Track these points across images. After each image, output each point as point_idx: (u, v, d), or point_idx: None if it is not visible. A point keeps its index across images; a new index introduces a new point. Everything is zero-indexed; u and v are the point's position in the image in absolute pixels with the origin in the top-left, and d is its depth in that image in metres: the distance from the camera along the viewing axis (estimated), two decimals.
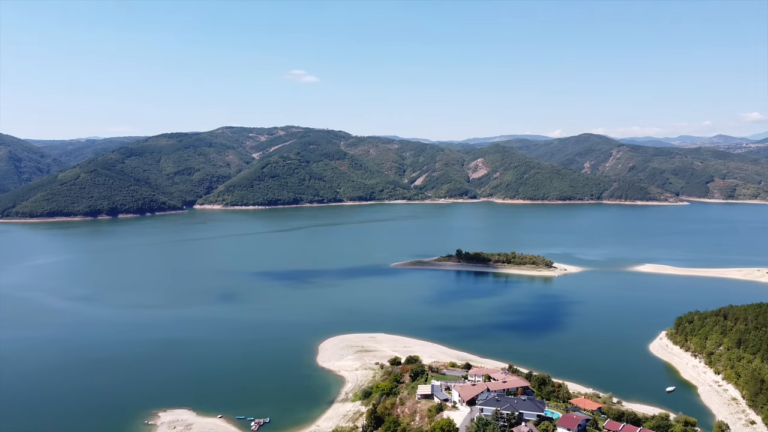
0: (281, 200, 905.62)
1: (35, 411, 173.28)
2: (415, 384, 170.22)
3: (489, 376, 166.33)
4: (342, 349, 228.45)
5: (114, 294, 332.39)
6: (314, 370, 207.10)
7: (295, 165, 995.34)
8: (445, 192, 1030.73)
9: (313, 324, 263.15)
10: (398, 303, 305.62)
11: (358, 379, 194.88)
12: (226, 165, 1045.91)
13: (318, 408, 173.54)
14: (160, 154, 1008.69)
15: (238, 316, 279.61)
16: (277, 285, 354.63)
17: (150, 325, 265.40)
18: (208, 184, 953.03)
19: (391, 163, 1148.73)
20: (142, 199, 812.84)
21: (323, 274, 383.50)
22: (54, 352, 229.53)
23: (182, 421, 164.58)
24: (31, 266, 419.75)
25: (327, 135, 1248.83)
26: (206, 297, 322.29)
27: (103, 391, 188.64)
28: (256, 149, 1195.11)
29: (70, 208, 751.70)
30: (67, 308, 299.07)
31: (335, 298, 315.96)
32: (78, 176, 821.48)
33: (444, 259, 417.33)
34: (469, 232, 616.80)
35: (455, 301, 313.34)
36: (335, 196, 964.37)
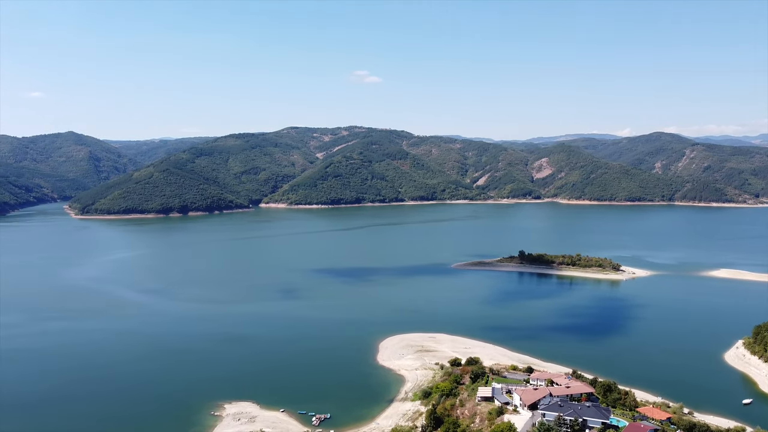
0: (344, 199, 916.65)
1: (110, 397, 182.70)
2: (475, 386, 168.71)
3: (551, 380, 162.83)
4: (402, 348, 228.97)
5: (183, 288, 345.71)
6: (374, 368, 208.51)
7: (357, 165, 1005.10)
8: (507, 192, 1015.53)
9: (374, 322, 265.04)
10: (459, 304, 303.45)
11: (418, 378, 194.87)
12: (290, 165, 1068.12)
13: (378, 406, 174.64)
14: (228, 154, 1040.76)
15: (301, 313, 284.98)
16: (339, 283, 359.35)
17: (216, 320, 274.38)
18: (274, 184, 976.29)
19: (453, 162, 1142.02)
20: (210, 197, 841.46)
21: (384, 273, 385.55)
22: (128, 343, 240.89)
23: (247, 413, 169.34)
24: (109, 260, 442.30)
25: (389, 135, 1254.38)
26: (270, 293, 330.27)
27: (172, 381, 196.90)
28: (319, 149, 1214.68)
29: (144, 205, 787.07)
30: (140, 301, 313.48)
31: (396, 297, 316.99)
32: (152, 175, 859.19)
33: (506, 260, 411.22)
34: (532, 233, 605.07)
35: (517, 303, 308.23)
36: (397, 196, 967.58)
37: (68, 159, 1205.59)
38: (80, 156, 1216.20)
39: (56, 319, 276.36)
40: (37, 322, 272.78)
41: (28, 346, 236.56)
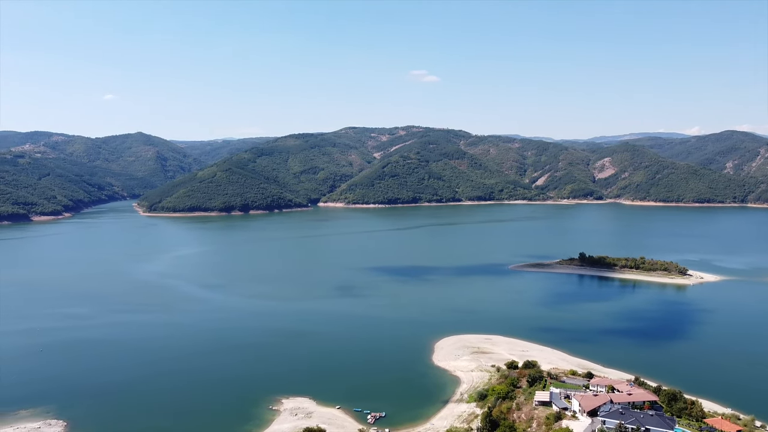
0: (400, 199, 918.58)
1: (174, 389, 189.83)
2: (532, 390, 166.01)
3: (612, 387, 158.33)
4: (458, 349, 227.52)
5: (244, 285, 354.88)
6: (430, 368, 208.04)
7: (414, 164, 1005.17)
8: (568, 192, 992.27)
9: (430, 322, 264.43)
10: (516, 305, 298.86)
11: (474, 380, 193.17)
12: (348, 164, 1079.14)
13: (433, 406, 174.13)
14: (288, 153, 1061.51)
15: (357, 311, 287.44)
16: (396, 281, 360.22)
17: (275, 316, 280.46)
18: (332, 183, 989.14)
19: (511, 162, 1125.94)
20: (270, 196, 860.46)
21: (440, 272, 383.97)
22: (191, 337, 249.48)
23: (303, 408, 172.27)
24: (174, 257, 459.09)
25: (447, 134, 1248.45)
26: (328, 291, 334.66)
27: (232, 375, 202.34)
28: (377, 149, 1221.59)
29: (208, 203, 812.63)
30: (203, 296, 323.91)
31: (452, 297, 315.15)
32: (215, 174, 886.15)
33: (565, 262, 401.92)
34: (593, 234, 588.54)
35: (577, 306, 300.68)
36: (454, 196, 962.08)
37: (137, 159, 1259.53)
38: (148, 156, 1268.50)
39: (125, 312, 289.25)
40: (108, 314, 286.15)
41: (98, 337, 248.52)
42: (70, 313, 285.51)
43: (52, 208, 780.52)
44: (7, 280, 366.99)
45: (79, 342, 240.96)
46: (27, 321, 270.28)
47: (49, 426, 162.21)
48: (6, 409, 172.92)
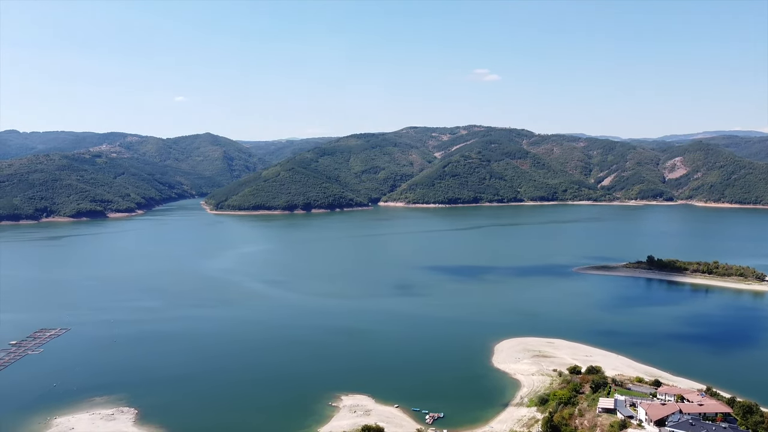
0: (461, 199, 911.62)
1: (236, 382, 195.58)
2: (596, 396, 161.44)
3: (682, 396, 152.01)
4: (518, 351, 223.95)
5: (305, 282, 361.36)
6: (489, 370, 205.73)
7: (476, 164, 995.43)
8: (635, 193, 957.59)
9: (489, 323, 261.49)
10: (580, 309, 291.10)
11: (534, 384, 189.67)
12: (409, 164, 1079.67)
13: (492, 409, 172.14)
14: (350, 153, 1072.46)
15: (417, 310, 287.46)
16: (455, 281, 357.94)
17: (335, 313, 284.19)
18: (392, 183, 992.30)
19: (576, 162, 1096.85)
20: (332, 195, 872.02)
21: (501, 273, 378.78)
22: (254, 332, 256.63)
23: (362, 406, 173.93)
24: (239, 253, 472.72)
25: (509, 134, 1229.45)
26: (387, 290, 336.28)
27: (293, 371, 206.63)
28: (438, 148, 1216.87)
29: (271, 202, 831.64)
30: (266, 293, 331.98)
31: (512, 299, 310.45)
32: (278, 174, 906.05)
33: (632, 265, 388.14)
34: (662, 237, 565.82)
35: (644, 311, 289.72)
36: (516, 196, 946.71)
37: (205, 158, 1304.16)
38: (215, 156, 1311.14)
39: (192, 307, 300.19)
40: (176, 308, 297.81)
41: (167, 330, 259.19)
42: (141, 307, 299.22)
43: (126, 206, 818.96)
44: (86, 274, 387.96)
45: (149, 334, 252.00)
46: (103, 313, 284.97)
47: (122, 413, 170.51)
48: (83, 395, 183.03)
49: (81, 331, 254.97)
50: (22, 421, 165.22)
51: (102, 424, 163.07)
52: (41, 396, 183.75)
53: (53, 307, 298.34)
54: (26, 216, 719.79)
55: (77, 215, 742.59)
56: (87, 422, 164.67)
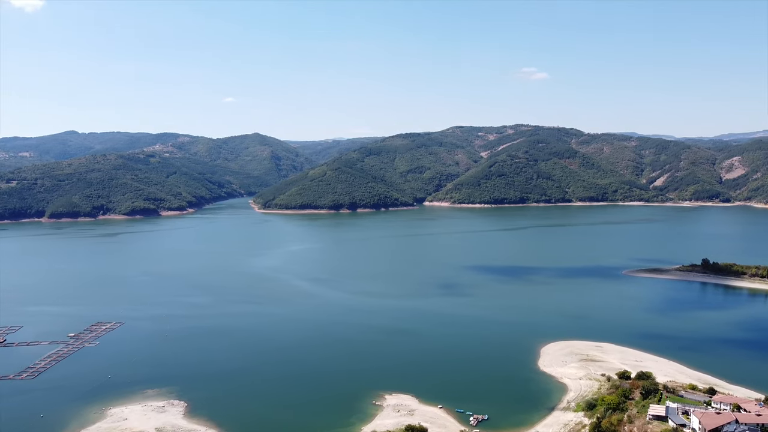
0: (507, 199, 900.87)
1: (282, 378, 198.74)
2: (646, 402, 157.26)
3: (738, 405, 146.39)
4: (565, 355, 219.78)
5: (350, 281, 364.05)
6: (535, 373, 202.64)
7: (522, 164, 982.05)
8: (690, 194, 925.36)
9: (536, 325, 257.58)
10: (630, 312, 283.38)
11: (582, 388, 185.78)
12: (455, 164, 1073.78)
13: (537, 413, 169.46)
14: (395, 153, 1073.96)
15: (461, 311, 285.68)
16: (500, 282, 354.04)
17: (380, 312, 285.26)
18: (438, 182, 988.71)
19: (627, 161, 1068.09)
20: (377, 195, 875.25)
21: (548, 275, 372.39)
22: (299, 329, 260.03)
23: (406, 406, 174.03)
24: (286, 252, 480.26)
25: (557, 133, 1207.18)
26: (431, 289, 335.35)
27: (337, 368, 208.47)
28: (484, 148, 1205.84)
29: (318, 201, 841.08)
30: (311, 291, 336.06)
31: (560, 301, 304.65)
32: (325, 173, 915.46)
33: (686, 268, 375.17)
34: (718, 239, 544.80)
35: (698, 316, 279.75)
36: (563, 196, 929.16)
37: (253, 158, 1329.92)
38: (264, 155, 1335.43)
39: (240, 303, 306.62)
40: (225, 305, 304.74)
41: (216, 325, 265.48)
42: (192, 303, 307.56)
43: (178, 204, 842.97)
44: (139, 270, 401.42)
45: (199, 330, 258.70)
46: (155, 308, 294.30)
47: (172, 406, 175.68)
48: (136, 387, 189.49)
49: (134, 325, 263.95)
50: (80, 410, 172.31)
51: (153, 416, 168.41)
52: (97, 387, 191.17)
53: (109, 301, 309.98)
54: (84, 213, 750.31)
55: (132, 213, 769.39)
56: (139, 413, 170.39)
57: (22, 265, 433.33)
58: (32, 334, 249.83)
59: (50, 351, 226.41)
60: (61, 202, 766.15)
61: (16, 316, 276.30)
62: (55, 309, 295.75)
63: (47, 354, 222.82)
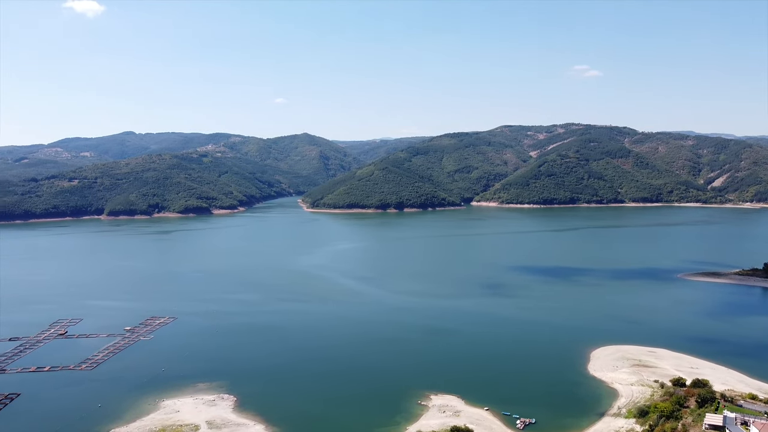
0: (557, 199, 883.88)
1: (328, 375, 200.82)
2: (702, 411, 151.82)
3: None
4: (616, 360, 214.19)
5: (395, 280, 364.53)
6: (584, 377, 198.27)
7: (573, 163, 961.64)
8: (751, 195, 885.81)
9: (585, 329, 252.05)
10: (685, 317, 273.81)
11: (633, 394, 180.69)
12: (503, 163, 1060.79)
13: (586, 418, 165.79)
14: (442, 153, 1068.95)
15: (507, 312, 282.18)
16: (548, 283, 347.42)
17: (425, 312, 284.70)
18: (485, 182, 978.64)
19: (683, 161, 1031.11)
20: (424, 194, 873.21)
21: (598, 277, 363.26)
22: (345, 327, 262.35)
23: (451, 406, 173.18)
24: (333, 250, 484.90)
25: (609, 132, 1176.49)
26: (477, 290, 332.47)
27: (383, 367, 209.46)
28: (533, 147, 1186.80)
29: (365, 201, 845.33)
30: (357, 289, 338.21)
31: (610, 304, 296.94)
32: (372, 173, 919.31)
33: (747, 273, 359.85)
34: None
35: (760, 323, 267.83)
36: (616, 197, 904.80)
37: (302, 158, 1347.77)
38: (312, 155, 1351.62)
39: (288, 301, 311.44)
40: (273, 302, 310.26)
41: (264, 322, 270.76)
42: (241, 299, 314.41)
43: (229, 203, 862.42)
44: (192, 266, 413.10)
45: (248, 326, 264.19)
46: (206, 304, 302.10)
47: (222, 399, 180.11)
48: (188, 381, 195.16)
49: (187, 320, 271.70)
50: (135, 401, 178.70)
51: (204, 409, 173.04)
52: (151, 379, 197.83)
53: (163, 296, 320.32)
54: (140, 211, 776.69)
55: (185, 211, 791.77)
56: (191, 406, 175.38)
57: (82, 261, 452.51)
58: (92, 326, 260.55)
59: (108, 343, 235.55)
60: (119, 200, 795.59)
61: (77, 310, 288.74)
62: (112, 303, 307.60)
63: (105, 346, 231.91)
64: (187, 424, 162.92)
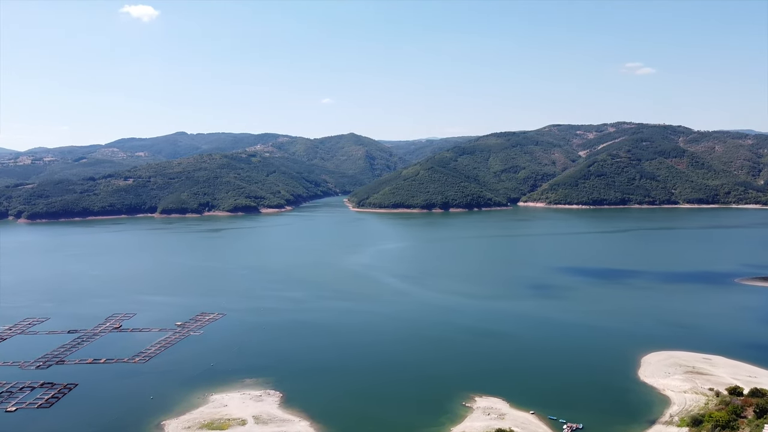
0: (607, 200, 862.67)
1: (373, 373, 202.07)
2: (760, 422, 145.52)
3: None
4: (669, 366, 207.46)
5: (440, 280, 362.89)
6: (634, 383, 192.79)
7: (624, 163, 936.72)
8: None
9: (635, 333, 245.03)
10: (744, 324, 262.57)
11: (686, 402, 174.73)
12: (551, 163, 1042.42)
13: (636, 425, 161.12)
14: (489, 152, 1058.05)
15: (554, 314, 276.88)
16: (595, 285, 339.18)
17: (467, 313, 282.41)
18: (533, 182, 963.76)
19: (741, 161, 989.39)
20: (470, 194, 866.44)
21: (649, 279, 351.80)
22: (390, 326, 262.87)
23: (496, 409, 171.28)
24: (378, 250, 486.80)
25: (663, 131, 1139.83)
26: (522, 291, 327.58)
27: (427, 367, 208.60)
28: (582, 147, 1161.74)
29: (410, 201, 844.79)
30: (401, 288, 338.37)
31: (662, 308, 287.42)
32: (418, 173, 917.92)
33: None
34: None
35: None
36: (669, 198, 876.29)
37: (348, 158, 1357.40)
38: (358, 155, 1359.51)
39: (333, 299, 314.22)
40: (319, 300, 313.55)
41: (310, 319, 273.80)
42: (288, 297, 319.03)
43: (277, 202, 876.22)
44: (240, 264, 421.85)
45: (293, 323, 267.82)
46: (254, 301, 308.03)
47: (269, 395, 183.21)
48: (236, 376, 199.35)
49: (235, 317, 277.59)
50: (185, 395, 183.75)
51: (251, 404, 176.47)
52: (201, 373, 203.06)
53: (212, 293, 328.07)
54: (191, 210, 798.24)
55: (234, 210, 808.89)
56: (238, 401, 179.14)
57: (136, 257, 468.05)
58: (144, 321, 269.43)
59: (160, 338, 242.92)
60: (171, 198, 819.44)
61: (131, 304, 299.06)
62: (164, 299, 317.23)
63: (157, 340, 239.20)
64: (234, 419, 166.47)
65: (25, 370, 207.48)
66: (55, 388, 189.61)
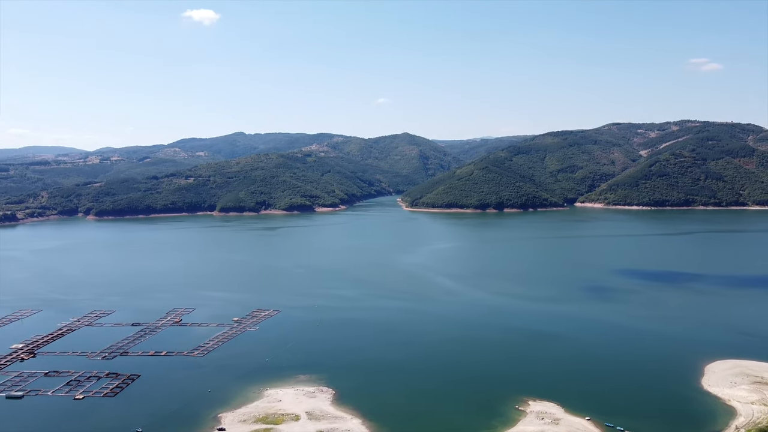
0: (669, 201, 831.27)
1: (424, 372, 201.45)
2: None
3: None
4: (735, 375, 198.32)
5: (494, 281, 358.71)
6: (697, 392, 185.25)
7: (688, 163, 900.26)
8: None
9: (699, 340, 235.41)
10: None
11: (754, 414, 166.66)
12: (610, 163, 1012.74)
13: None
14: (545, 152, 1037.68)
15: (610, 318, 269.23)
16: (656, 289, 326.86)
17: (521, 315, 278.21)
18: (591, 182, 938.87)
19: None
20: (525, 195, 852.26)
21: (713, 283, 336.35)
22: (442, 326, 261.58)
23: (550, 414, 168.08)
24: (431, 249, 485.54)
25: (731, 129, 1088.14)
26: (578, 294, 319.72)
27: (479, 368, 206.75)
28: (644, 146, 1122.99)
29: (464, 200, 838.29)
30: (453, 289, 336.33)
31: (729, 315, 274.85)
32: (472, 173, 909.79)
33: None
34: None
35: None
36: (737, 199, 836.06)
37: (402, 157, 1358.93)
38: (412, 155, 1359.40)
39: (386, 298, 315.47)
40: (372, 298, 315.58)
41: (362, 317, 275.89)
42: (342, 295, 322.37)
43: (331, 201, 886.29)
44: (295, 262, 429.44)
45: (347, 321, 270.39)
46: (309, 298, 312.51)
47: (321, 392, 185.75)
48: (290, 372, 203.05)
49: (290, 314, 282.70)
50: (241, 389, 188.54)
51: (304, 400, 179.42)
52: (256, 368, 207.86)
53: (268, 290, 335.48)
54: (249, 208, 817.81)
55: (289, 209, 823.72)
56: (292, 396, 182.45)
57: (196, 254, 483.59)
58: (203, 316, 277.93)
59: (217, 332, 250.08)
60: (230, 197, 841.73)
61: (191, 300, 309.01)
62: (222, 294, 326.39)
63: (215, 335, 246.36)
64: (288, 414, 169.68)
65: (92, 360, 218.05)
66: (119, 378, 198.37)
